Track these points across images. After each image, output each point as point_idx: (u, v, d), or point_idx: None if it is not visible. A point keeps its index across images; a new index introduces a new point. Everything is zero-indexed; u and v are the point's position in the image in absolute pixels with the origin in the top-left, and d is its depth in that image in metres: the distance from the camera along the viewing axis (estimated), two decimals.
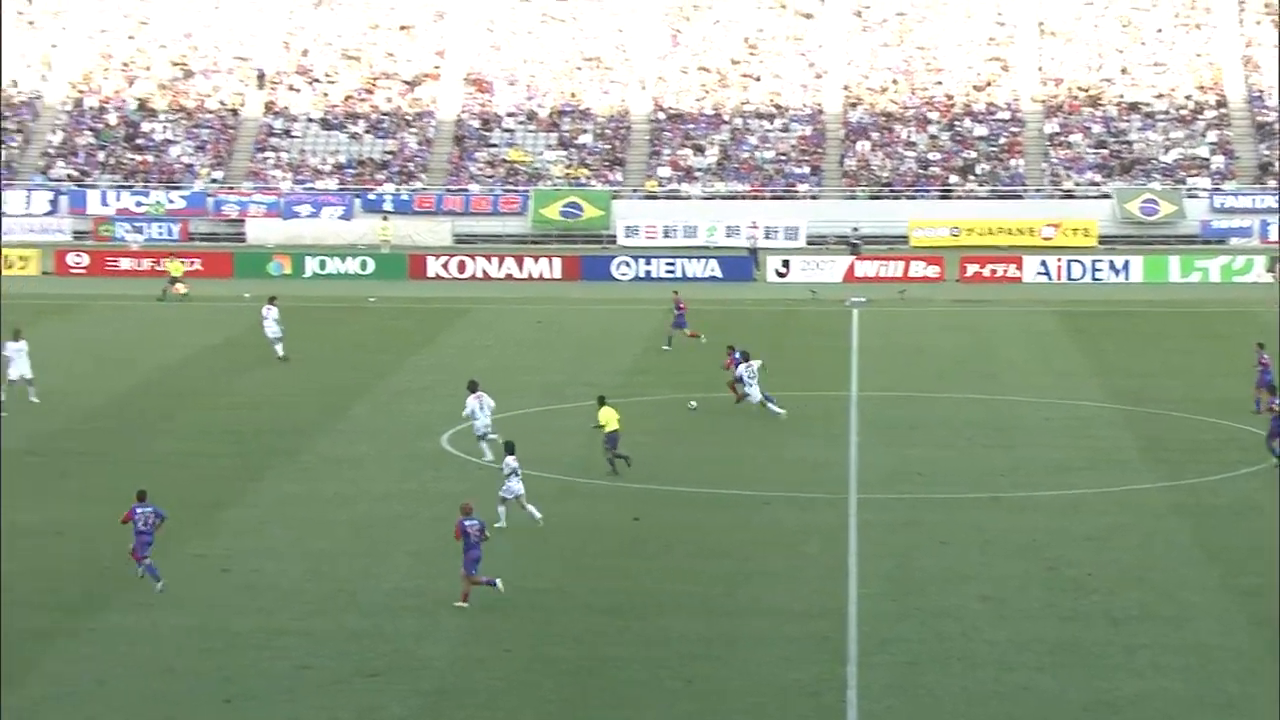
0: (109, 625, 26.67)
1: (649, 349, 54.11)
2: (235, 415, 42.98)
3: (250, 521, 32.97)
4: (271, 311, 50.82)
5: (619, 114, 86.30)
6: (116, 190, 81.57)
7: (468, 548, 27.58)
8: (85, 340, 54.98)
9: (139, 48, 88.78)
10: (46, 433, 40.34)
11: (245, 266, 72.46)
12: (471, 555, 27.57)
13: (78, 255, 73.03)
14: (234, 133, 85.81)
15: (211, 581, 28.93)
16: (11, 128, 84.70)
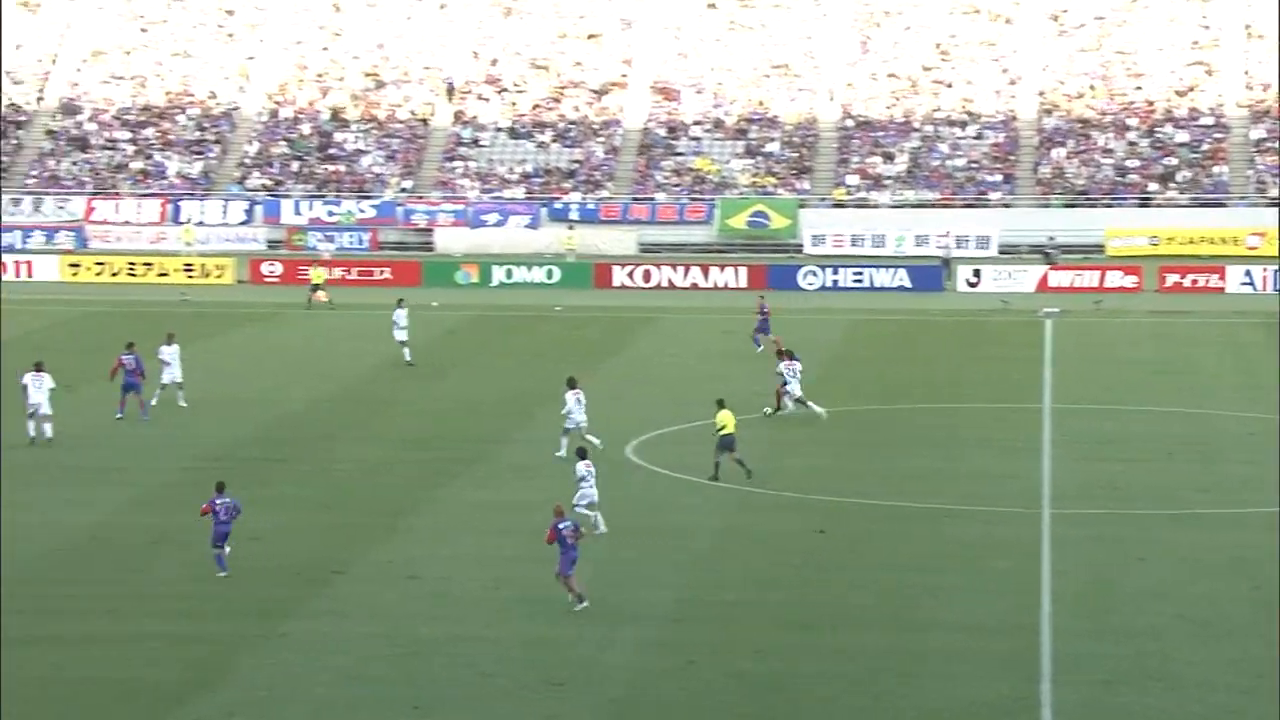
0: (300, 631, 27.25)
1: (835, 359, 53.90)
2: (421, 423, 43.64)
3: (436, 529, 33.48)
4: (400, 315, 51.22)
5: (807, 121, 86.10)
6: (309, 200, 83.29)
7: (564, 549, 28.01)
8: (277, 348, 56.26)
9: (333, 58, 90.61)
10: (238, 440, 41.32)
11: (433, 275, 73.56)
12: (569, 556, 27.94)
13: (271, 264, 74.69)
14: (423, 142, 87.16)
15: (399, 589, 29.43)
16: (211, 138, 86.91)
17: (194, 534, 32.55)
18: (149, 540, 32.06)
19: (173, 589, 29.24)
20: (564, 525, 28.14)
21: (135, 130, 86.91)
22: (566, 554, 27.97)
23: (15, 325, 59.41)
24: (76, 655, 25.92)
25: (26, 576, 29.88)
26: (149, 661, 25.77)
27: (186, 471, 37.90)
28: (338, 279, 73.31)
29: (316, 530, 33.08)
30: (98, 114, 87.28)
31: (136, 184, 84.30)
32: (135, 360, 43.08)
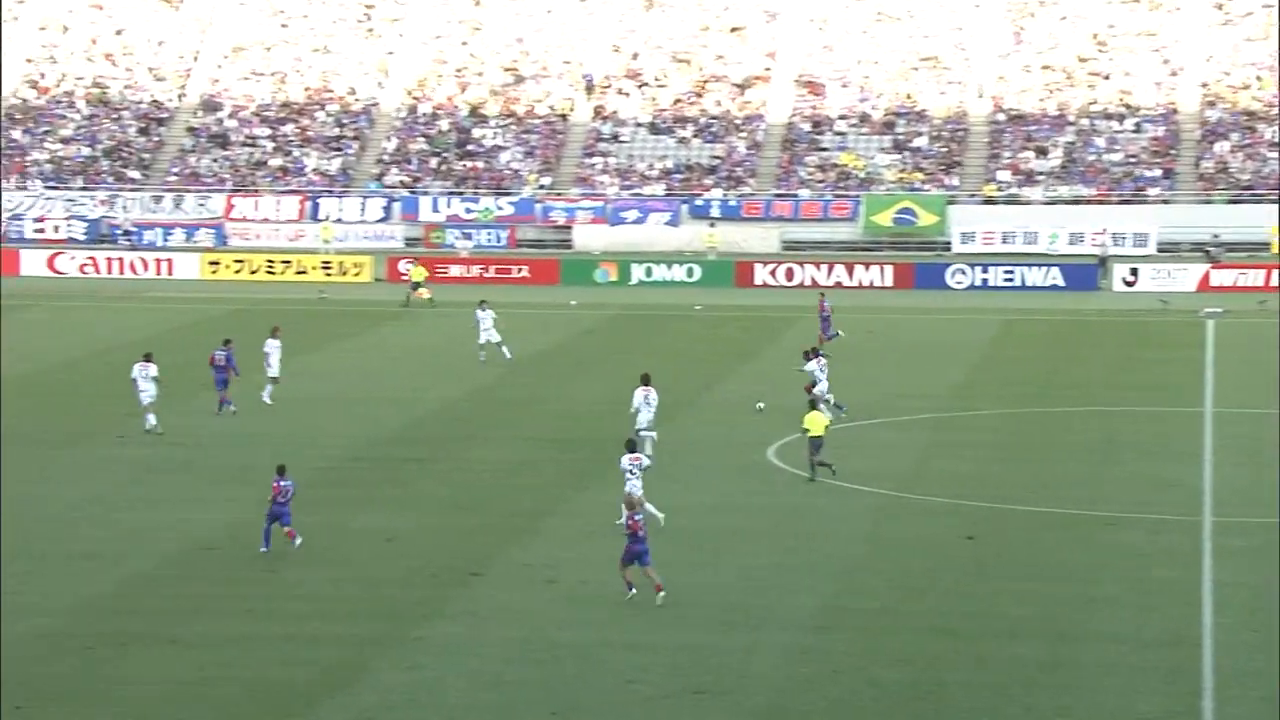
0: (438, 634, 27.35)
1: (985, 361, 53.28)
2: (560, 423, 43.73)
3: (575, 532, 33.49)
4: (484, 316, 51.48)
5: (956, 115, 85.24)
6: (447, 197, 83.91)
7: (631, 541, 28.46)
8: (415, 347, 56.67)
9: (472, 53, 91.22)
10: (375, 439, 41.65)
11: (572, 273, 73.79)
12: (637, 548, 28.40)
13: (409, 262, 75.26)
14: (562, 138, 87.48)
15: (537, 592, 29.46)
16: (349, 135, 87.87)
17: (331, 535, 32.83)
18: (284, 540, 32.36)
19: (308, 590, 29.49)
20: (639, 517, 28.73)
21: (275, 127, 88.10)
22: (635, 546, 28.47)
23: (155, 323, 60.43)
24: (212, 656, 26.21)
25: (162, 575, 30.30)
26: (283, 662, 26.00)
27: (321, 471, 38.26)
28: (475, 277, 73.84)
29: (454, 532, 33.23)
30: (238, 110, 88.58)
31: (275, 181, 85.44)
32: (227, 356, 43.68)
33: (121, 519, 33.90)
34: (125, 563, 30.87)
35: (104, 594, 29.08)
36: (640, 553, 28.45)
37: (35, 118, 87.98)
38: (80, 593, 29.08)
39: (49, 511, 34.50)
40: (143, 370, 41.89)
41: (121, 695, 24.65)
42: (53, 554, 31.32)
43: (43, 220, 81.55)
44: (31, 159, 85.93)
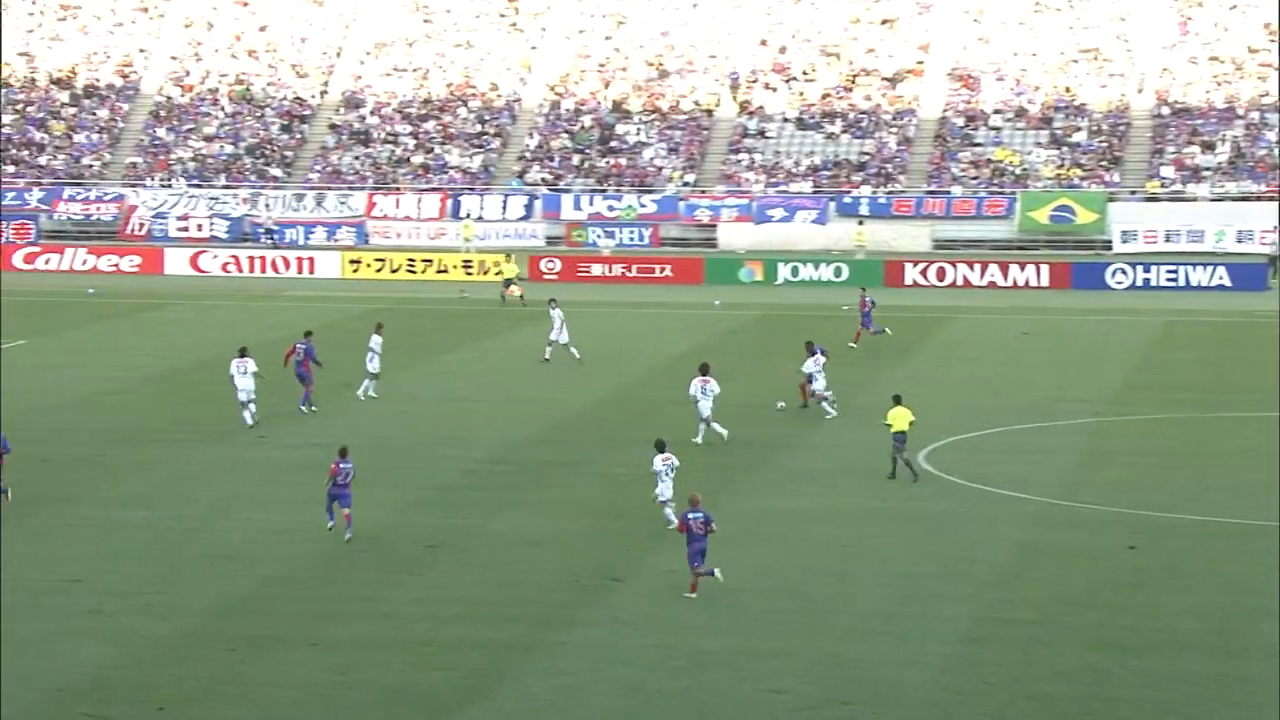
0: (581, 640, 27.38)
1: (1145, 363, 52.44)
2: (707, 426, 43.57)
3: (719, 537, 33.26)
4: (556, 315, 51.79)
5: (1118, 109, 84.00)
6: (590, 194, 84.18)
7: (691, 540, 29.03)
8: (558, 347, 56.78)
9: (615, 48, 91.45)
10: (517, 441, 41.82)
11: (716, 273, 73.71)
12: (695, 547, 28.98)
13: (550, 261, 75.66)
14: (707, 134, 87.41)
15: (680, 599, 29.37)
16: (491, 131, 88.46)
17: (472, 538, 33.02)
18: (426, 544, 32.61)
19: (450, 594, 29.67)
20: (694, 516, 29.16)
21: (416, 123, 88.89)
22: (694, 545, 29.02)
23: (296, 322, 61.17)
24: (352, 659, 26.44)
25: (302, 577, 30.63)
26: (424, 667, 26.16)
27: (464, 474, 38.51)
28: (617, 276, 73.99)
29: (597, 536, 33.27)
30: (380, 107, 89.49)
31: (417, 178, 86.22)
32: (307, 350, 44.02)
33: (261, 519, 34.33)
34: (265, 564, 31.26)
35: (244, 595, 29.45)
36: (699, 551, 28.98)
37: (179, 115, 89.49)
38: (221, 593, 29.47)
39: (190, 511, 35.02)
40: (240, 366, 42.49)
41: (261, 697, 24.95)
42: (193, 554, 31.78)
43: (186, 219, 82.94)
44: (175, 157, 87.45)
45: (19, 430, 42.34)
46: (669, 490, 33.12)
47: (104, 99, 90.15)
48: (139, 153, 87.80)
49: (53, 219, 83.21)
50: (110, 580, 30.06)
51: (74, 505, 35.25)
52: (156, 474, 38.02)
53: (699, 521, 29.20)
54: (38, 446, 40.55)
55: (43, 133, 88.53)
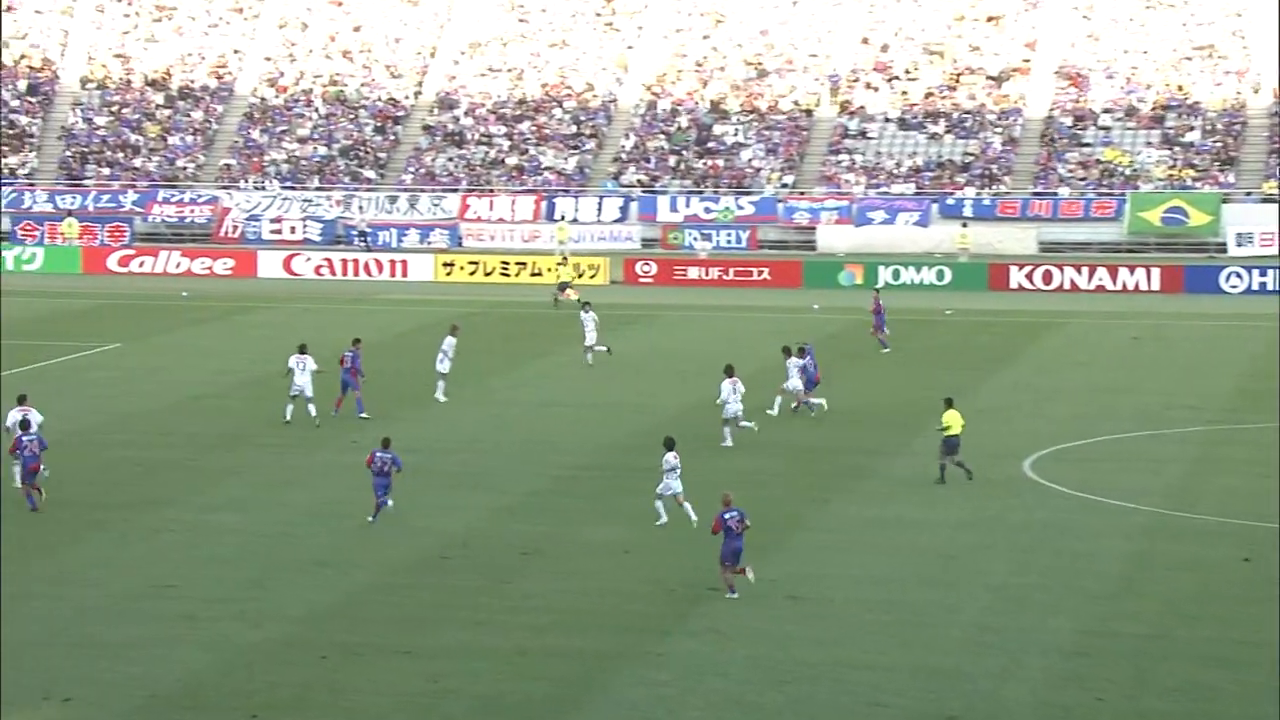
0: (676, 650, 27.36)
1: (1261, 370, 51.77)
2: (802, 433, 43.51)
3: (819, 545, 33.29)
4: (589, 318, 52.25)
5: (1233, 108, 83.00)
6: (686, 196, 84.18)
7: (727, 538, 29.51)
8: (651, 351, 56.88)
9: (713, 46, 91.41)
10: (610, 446, 41.85)
11: (815, 276, 73.50)
12: (731, 546, 29.47)
13: (646, 264, 75.72)
14: (807, 134, 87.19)
15: (779, 609, 29.32)
16: (587, 132, 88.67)
17: (565, 545, 33.10)
18: (519, 550, 32.72)
19: (543, 602, 29.74)
20: (729, 515, 29.60)
21: (511, 124, 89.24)
22: (729, 544, 29.49)
23: (388, 326, 61.62)
24: (444, 667, 26.55)
25: (394, 584, 30.81)
26: (517, 676, 26.23)
27: (557, 480, 38.60)
28: (714, 279, 73.95)
29: (692, 544, 33.23)
30: (474, 108, 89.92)
31: (511, 180, 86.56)
32: (354, 358, 44.30)
33: (354, 525, 34.55)
34: (357, 571, 31.46)
35: (337, 601, 29.66)
36: (735, 550, 29.42)
37: (273, 116, 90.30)
38: (313, 600, 29.69)
39: (282, 516, 35.32)
40: (299, 363, 43.28)
41: (354, 705, 25.11)
42: (286, 560, 32.05)
43: (279, 221, 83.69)
44: (269, 159, 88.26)
45: (113, 434, 42.93)
46: (678, 485, 33.82)
47: (198, 100, 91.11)
48: (233, 154, 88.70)
49: (147, 221, 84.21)
50: (203, 586, 30.37)
51: (167, 510, 35.64)
52: (249, 479, 38.39)
53: (735, 519, 29.61)
54: (131, 451, 41.06)
55: (138, 135, 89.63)
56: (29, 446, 35.55)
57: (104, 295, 69.19)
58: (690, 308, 66.82)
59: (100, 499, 36.61)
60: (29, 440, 35.66)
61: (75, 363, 53.71)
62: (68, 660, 26.58)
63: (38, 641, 27.39)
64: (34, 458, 35.52)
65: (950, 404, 37.91)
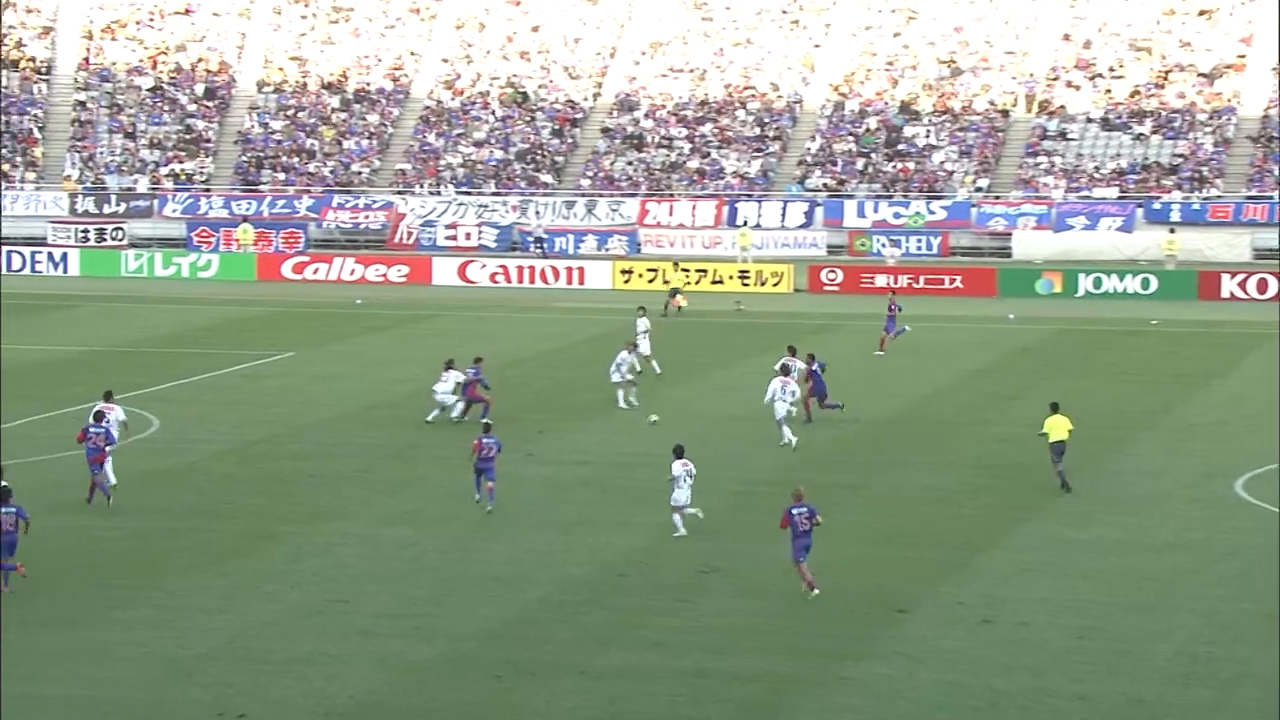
0: (864, 675, 27.16)
1: None
2: (999, 448, 43.07)
3: (1013, 567, 32.88)
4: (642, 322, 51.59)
5: None
6: (874, 201, 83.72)
7: (795, 535, 30.55)
8: (839, 363, 56.52)
9: (905, 45, 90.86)
10: (796, 462, 41.66)
11: (1010, 284, 72.67)
12: (799, 543, 30.52)
13: (832, 271, 75.39)
14: (1003, 136, 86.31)
15: (972, 633, 29.01)
16: (771, 134, 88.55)
17: (747, 564, 33.02)
18: (698, 569, 32.71)
19: (723, 622, 29.69)
20: (798, 510, 30.59)
21: (692, 127, 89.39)
22: (798, 540, 30.48)
23: (563, 335, 61.97)
24: (622, 689, 26.59)
25: (570, 601, 30.92)
26: (698, 699, 26.20)
27: (738, 495, 38.54)
28: (904, 287, 73.36)
29: (880, 564, 33.03)
30: (654, 110, 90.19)
31: (692, 184, 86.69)
32: (476, 374, 44.42)
33: (528, 540, 34.76)
34: (532, 587, 31.64)
35: (511, 619, 29.84)
36: (804, 547, 30.38)
37: (449, 119, 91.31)
38: (487, 617, 29.91)
39: (456, 531, 35.63)
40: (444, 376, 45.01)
41: None
42: (460, 576, 32.33)
43: (454, 227, 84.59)
44: (444, 163, 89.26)
45: (286, 444, 43.63)
46: (685, 496, 34.48)
47: (374, 104, 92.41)
48: (408, 159, 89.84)
49: (321, 227, 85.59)
50: (377, 601, 30.72)
51: (340, 523, 36.14)
52: (423, 491, 38.79)
53: (803, 516, 30.53)
54: (304, 462, 41.71)
55: (313, 139, 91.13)
56: (94, 439, 37.25)
57: (278, 302, 70.42)
58: (877, 317, 66.37)
59: (273, 510, 37.23)
60: (96, 433, 37.38)
61: (249, 372, 54.70)
62: (241, 675, 27.03)
63: (210, 655, 27.90)
64: (97, 450, 37.24)
65: (1056, 409, 38.10)
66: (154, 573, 32.31)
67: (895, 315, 57.53)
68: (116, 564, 32.97)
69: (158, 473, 40.45)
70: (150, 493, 38.57)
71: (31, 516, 31.74)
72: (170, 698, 26.14)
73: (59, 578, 31.95)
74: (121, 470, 39.42)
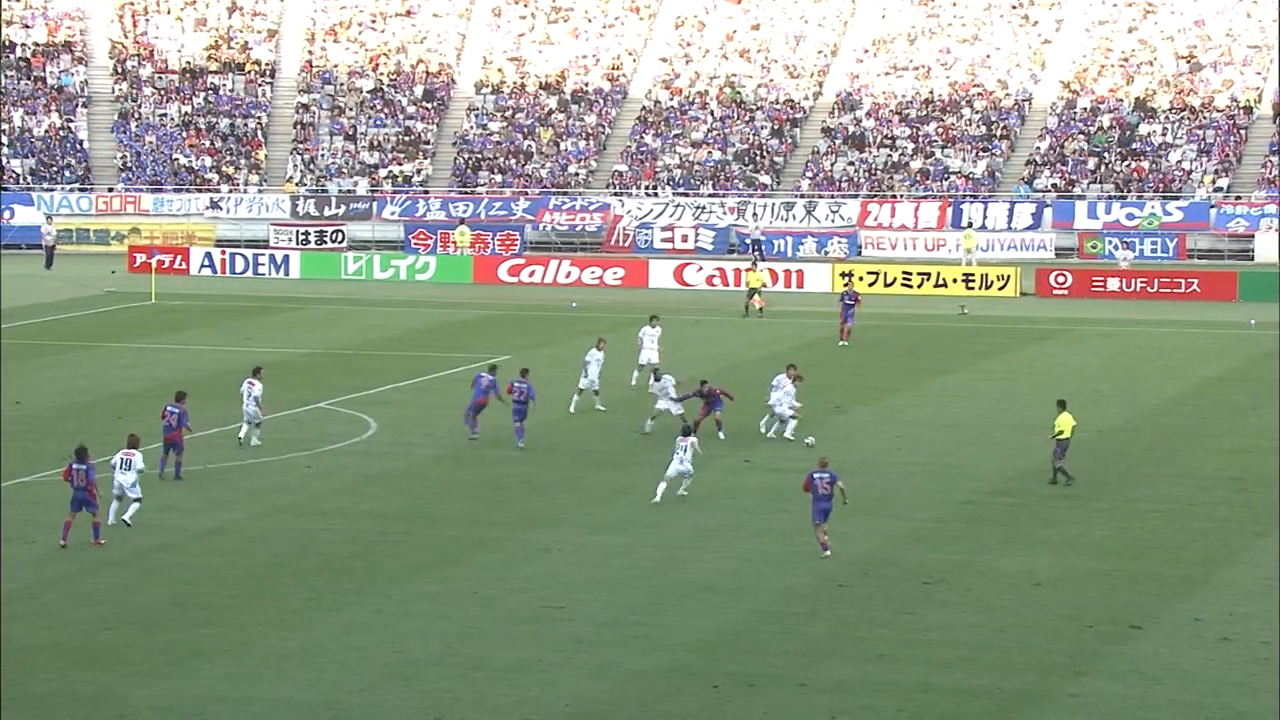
0: (1096, 693, 26.67)
1: None
2: (1237, 459, 42.14)
3: (1256, 583, 32.09)
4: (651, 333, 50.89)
5: None
6: (1107, 201, 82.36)
7: (815, 499, 33.12)
8: (1068, 369, 55.71)
9: (1141, 39, 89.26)
10: (1023, 471, 41.08)
11: (1252, 288, 71.05)
12: (819, 506, 33.10)
13: (1060, 274, 74.28)
14: (1244, 134, 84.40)
15: (1210, 651, 28.37)
16: (998, 133, 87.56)
17: (972, 576, 32.62)
18: (922, 580, 32.38)
19: (948, 635, 29.34)
20: (819, 475, 33.10)
21: (916, 126, 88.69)
22: (818, 504, 33.07)
23: (780, 339, 61.65)
24: (844, 702, 26.39)
25: (790, 612, 30.75)
26: (922, 714, 25.91)
27: (964, 505, 38.11)
28: (1136, 292, 72.06)
29: (1111, 578, 32.43)
30: (876, 109, 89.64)
31: (915, 185, 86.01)
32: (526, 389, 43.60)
33: (745, 549, 34.65)
34: (750, 596, 31.53)
35: (728, 630, 29.76)
36: (823, 510, 33.00)
37: (667, 120, 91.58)
38: (704, 627, 29.85)
39: (669, 538, 35.63)
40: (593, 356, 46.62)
41: None
42: (674, 585, 32.31)
43: (671, 229, 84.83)
44: (662, 164, 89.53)
45: (500, 449, 43.97)
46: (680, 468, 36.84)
47: (591, 104, 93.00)
48: (625, 160, 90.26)
49: (538, 230, 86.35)
50: (592, 609, 30.82)
51: (553, 530, 36.32)
52: (636, 498, 38.85)
53: (824, 481, 32.99)
54: (519, 467, 42.02)
55: (530, 140, 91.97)
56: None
57: (494, 305, 71.11)
58: (1110, 322, 65.30)
59: (487, 516, 37.55)
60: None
61: (466, 374, 55.28)
62: (457, 681, 27.26)
63: (426, 660, 28.18)
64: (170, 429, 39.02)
65: (1063, 406, 39.03)
66: (370, 576, 32.74)
67: (853, 307, 58.57)
68: (332, 567, 33.47)
69: (375, 475, 41.02)
70: (367, 496, 39.11)
71: (248, 519, 32.25)
72: (387, 701, 26.44)
73: (274, 579, 32.51)
74: (338, 473, 40.06)
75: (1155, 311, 68.11)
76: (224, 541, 34.97)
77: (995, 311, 68.52)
